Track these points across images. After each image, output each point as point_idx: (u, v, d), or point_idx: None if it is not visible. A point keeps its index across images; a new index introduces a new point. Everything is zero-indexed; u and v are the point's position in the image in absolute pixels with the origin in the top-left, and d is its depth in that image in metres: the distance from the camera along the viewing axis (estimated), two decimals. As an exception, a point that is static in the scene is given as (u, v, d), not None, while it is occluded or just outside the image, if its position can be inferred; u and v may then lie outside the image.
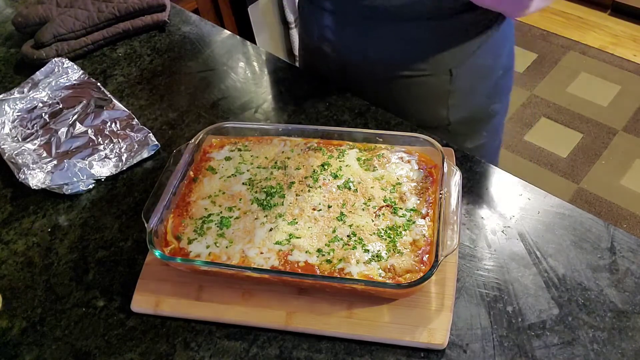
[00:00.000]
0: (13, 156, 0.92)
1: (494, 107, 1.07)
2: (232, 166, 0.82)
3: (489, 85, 1.03)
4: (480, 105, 1.04)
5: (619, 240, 0.74)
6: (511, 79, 1.10)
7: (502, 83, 1.05)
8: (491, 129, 1.10)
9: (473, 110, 1.04)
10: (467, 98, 1.01)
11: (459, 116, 1.02)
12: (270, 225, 0.73)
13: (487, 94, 1.04)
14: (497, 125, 1.13)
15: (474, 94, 1.02)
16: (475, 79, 1.00)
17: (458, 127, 1.04)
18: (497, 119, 1.10)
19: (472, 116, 1.04)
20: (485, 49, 0.96)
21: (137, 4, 1.20)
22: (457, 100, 1.00)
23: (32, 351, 0.71)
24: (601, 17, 2.91)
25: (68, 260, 0.81)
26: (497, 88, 1.05)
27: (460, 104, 1.01)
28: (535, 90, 2.59)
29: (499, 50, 1.00)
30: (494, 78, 1.03)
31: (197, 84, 1.09)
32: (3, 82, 1.14)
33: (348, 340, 0.68)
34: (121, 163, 0.92)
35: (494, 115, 1.08)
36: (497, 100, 1.07)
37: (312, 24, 1.04)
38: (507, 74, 1.06)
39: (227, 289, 0.72)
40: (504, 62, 1.03)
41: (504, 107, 1.11)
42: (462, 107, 1.02)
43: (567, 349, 0.65)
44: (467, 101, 1.02)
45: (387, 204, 0.75)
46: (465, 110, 1.02)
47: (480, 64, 0.98)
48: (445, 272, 0.71)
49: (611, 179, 2.21)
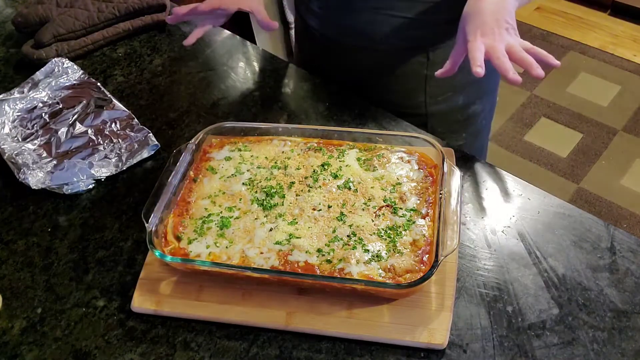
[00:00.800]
0: (13, 156, 0.92)
1: (474, 109, 1.08)
2: (232, 166, 0.82)
3: (466, 79, 1.00)
4: (459, 102, 1.05)
5: (619, 240, 0.74)
6: (496, 81, 1.11)
7: (482, 82, 1.03)
8: (472, 132, 1.11)
9: (451, 105, 1.05)
10: (444, 88, 1.03)
11: (437, 108, 1.04)
12: (270, 225, 0.73)
13: (466, 90, 1.04)
14: (480, 128, 1.13)
15: (451, 85, 1.03)
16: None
17: (436, 124, 1.06)
18: (478, 122, 1.11)
19: (450, 113, 1.06)
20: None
21: (137, 4, 1.20)
22: (434, 88, 1.02)
23: (32, 351, 0.71)
24: (601, 17, 2.91)
25: (68, 260, 0.81)
26: (477, 86, 1.06)
27: (437, 94, 1.03)
28: (535, 90, 2.59)
29: None
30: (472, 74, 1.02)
31: (197, 84, 1.09)
32: (3, 82, 1.14)
33: (348, 340, 0.68)
34: (121, 163, 0.92)
35: (474, 117, 1.09)
36: (478, 101, 1.08)
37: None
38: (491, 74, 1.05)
39: (227, 289, 0.72)
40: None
41: (487, 109, 1.11)
42: (440, 98, 1.04)
43: (567, 349, 0.65)
44: (444, 92, 1.03)
45: (387, 204, 0.75)
46: (443, 104, 1.04)
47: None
48: (445, 272, 0.71)
49: (611, 179, 2.21)
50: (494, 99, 1.14)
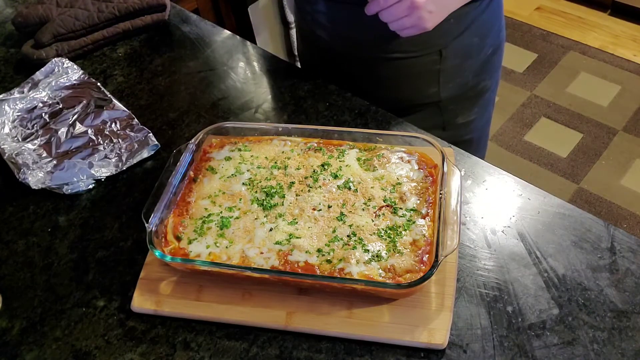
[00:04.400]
0: (13, 156, 0.92)
1: (484, 84, 1.10)
2: (232, 166, 0.82)
3: (478, 63, 1.05)
4: (470, 82, 1.07)
5: (619, 240, 0.74)
6: (501, 56, 1.13)
7: (492, 60, 1.08)
8: (482, 105, 1.13)
9: (463, 87, 1.07)
10: (456, 75, 1.04)
11: (450, 93, 1.05)
12: (270, 225, 0.73)
13: (476, 71, 1.06)
14: (488, 100, 1.16)
15: (463, 72, 1.05)
16: (464, 58, 1.03)
17: (448, 104, 1.07)
18: (487, 94, 1.13)
19: (462, 93, 1.07)
20: (474, 29, 0.99)
21: (137, 4, 1.20)
22: (447, 77, 1.03)
23: (32, 351, 0.71)
24: (601, 17, 2.91)
25: (68, 260, 0.81)
26: (487, 65, 1.08)
27: (450, 81, 1.04)
28: (535, 90, 2.59)
29: (488, 29, 1.03)
30: (483, 56, 1.05)
31: (197, 84, 1.09)
32: (3, 82, 1.14)
33: (348, 340, 0.68)
34: (121, 163, 0.92)
35: (484, 92, 1.12)
36: (487, 77, 1.10)
37: (306, 10, 1.07)
38: (497, 52, 1.09)
39: (227, 289, 0.72)
40: (493, 41, 1.06)
41: (494, 82, 1.15)
42: (452, 84, 1.05)
43: (567, 349, 0.65)
44: (456, 78, 1.05)
45: (387, 204, 0.75)
46: (455, 88, 1.05)
47: (468, 43, 1.01)
48: (445, 272, 0.71)
49: (611, 179, 2.21)
50: (500, 72, 1.16)
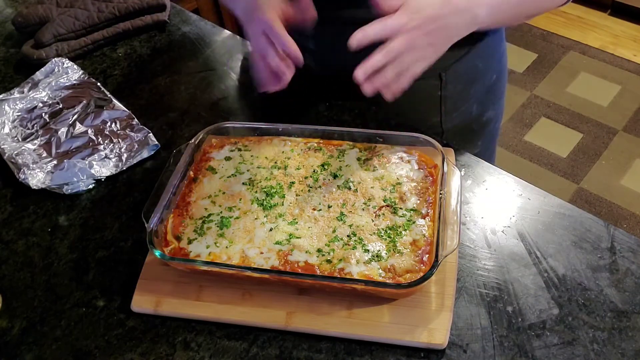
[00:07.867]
0: (13, 156, 0.92)
1: (488, 115, 1.07)
2: (232, 166, 0.82)
3: (482, 90, 1.02)
4: (473, 112, 1.03)
5: (619, 240, 0.74)
6: (504, 83, 1.10)
7: (495, 88, 1.05)
8: (486, 138, 1.10)
9: (466, 117, 1.03)
10: (459, 103, 1.00)
11: (452, 124, 1.01)
12: (270, 225, 0.73)
13: (480, 99, 1.03)
14: (492, 132, 1.12)
15: (466, 99, 1.01)
16: (467, 83, 0.99)
17: (451, 137, 1.01)
18: (491, 126, 1.10)
19: (465, 125, 1.03)
20: (476, 52, 0.96)
21: (137, 4, 1.20)
22: (450, 106, 0.99)
23: (32, 351, 0.71)
24: (601, 17, 2.91)
25: (68, 260, 0.81)
26: (490, 94, 1.04)
27: (452, 110, 1.00)
28: (535, 90, 2.59)
29: (491, 53, 1.00)
30: (487, 83, 1.02)
31: (197, 84, 1.09)
32: (3, 82, 1.14)
33: (348, 340, 0.68)
34: (121, 163, 0.92)
35: (489, 123, 1.08)
36: (491, 107, 1.06)
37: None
38: (501, 79, 1.05)
39: (227, 289, 0.72)
40: (496, 66, 1.03)
41: (497, 113, 1.11)
42: (455, 114, 1.01)
43: (567, 349, 0.65)
44: (459, 107, 1.01)
45: (387, 204, 0.75)
46: (458, 118, 1.01)
47: (471, 66, 0.97)
48: (445, 272, 0.71)
49: (611, 179, 2.21)
50: (503, 101, 1.12)
